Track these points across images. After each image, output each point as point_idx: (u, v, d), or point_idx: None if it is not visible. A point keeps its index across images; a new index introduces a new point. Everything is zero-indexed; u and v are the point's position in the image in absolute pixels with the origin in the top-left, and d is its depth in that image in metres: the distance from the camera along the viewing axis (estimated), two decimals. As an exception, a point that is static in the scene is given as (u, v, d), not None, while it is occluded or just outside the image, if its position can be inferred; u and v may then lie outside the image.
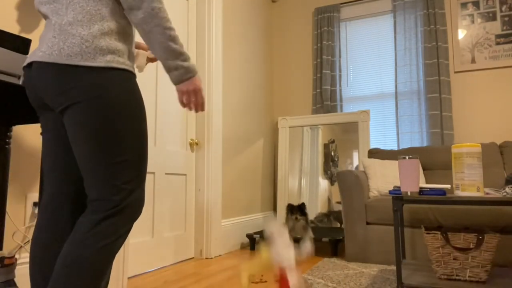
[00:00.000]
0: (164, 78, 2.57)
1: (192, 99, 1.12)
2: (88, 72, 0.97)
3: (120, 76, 1.02)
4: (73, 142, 1.02)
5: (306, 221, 3.02)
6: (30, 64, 1.03)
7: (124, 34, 1.07)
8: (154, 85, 2.50)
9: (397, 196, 1.75)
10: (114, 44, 1.03)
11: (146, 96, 2.43)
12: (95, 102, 0.98)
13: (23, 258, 1.55)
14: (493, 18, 3.31)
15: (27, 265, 1.54)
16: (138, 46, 1.42)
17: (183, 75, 1.08)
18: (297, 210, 3.04)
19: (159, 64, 2.53)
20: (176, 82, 1.09)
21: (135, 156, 1.04)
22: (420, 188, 1.75)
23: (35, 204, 1.60)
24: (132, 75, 1.07)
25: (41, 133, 1.11)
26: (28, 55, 1.06)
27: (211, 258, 2.78)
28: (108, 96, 0.99)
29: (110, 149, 1.00)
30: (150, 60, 1.43)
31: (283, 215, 3.47)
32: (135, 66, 1.27)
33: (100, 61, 0.98)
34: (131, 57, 1.10)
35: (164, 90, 2.58)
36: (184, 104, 1.13)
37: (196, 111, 1.15)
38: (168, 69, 1.07)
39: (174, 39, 1.05)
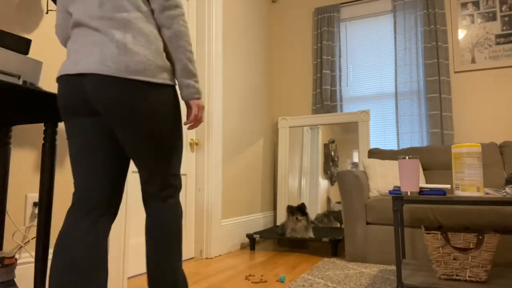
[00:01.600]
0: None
1: (200, 115, 1.30)
2: (150, 87, 1.14)
3: (172, 92, 1.22)
4: (132, 145, 1.19)
5: (307, 221, 3.02)
6: (76, 74, 1.13)
7: (167, 53, 1.24)
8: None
9: (397, 196, 1.75)
10: (166, 63, 1.20)
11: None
12: (155, 112, 1.16)
13: (23, 258, 1.55)
14: (493, 18, 3.32)
15: (27, 265, 1.54)
16: None
17: (194, 94, 1.25)
18: (297, 211, 3.04)
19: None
20: (187, 98, 1.26)
21: (180, 152, 1.29)
22: (420, 188, 1.75)
23: (35, 204, 1.60)
24: (175, 90, 1.26)
25: (68, 138, 1.21)
26: (66, 65, 1.15)
27: (211, 258, 2.78)
28: (166, 108, 1.19)
29: (168, 149, 1.23)
30: None
31: (283, 215, 3.47)
32: None
33: (159, 78, 1.16)
34: (173, 73, 1.26)
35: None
36: (193, 119, 1.30)
37: (193, 127, 1.33)
38: (181, 85, 1.24)
39: (192, 61, 1.24)
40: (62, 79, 1.17)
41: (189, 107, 1.28)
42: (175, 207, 1.28)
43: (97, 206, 1.18)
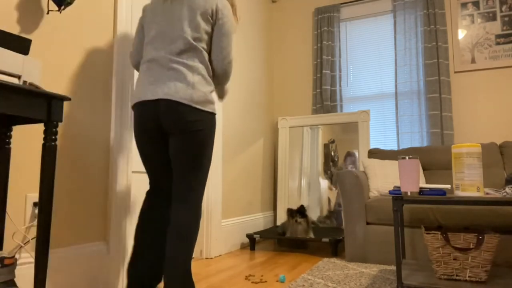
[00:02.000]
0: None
1: None
2: (204, 113, 1.65)
3: (215, 118, 1.72)
4: (178, 151, 1.67)
5: (307, 223, 3.02)
6: (154, 100, 1.62)
7: (214, 92, 1.89)
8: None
9: (397, 196, 1.75)
10: (213, 99, 1.71)
11: (146, 96, 2.43)
12: (202, 128, 1.65)
13: (23, 258, 1.55)
14: (493, 18, 3.32)
15: (27, 265, 1.54)
16: None
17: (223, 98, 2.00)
18: (296, 214, 3.04)
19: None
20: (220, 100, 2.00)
21: (208, 170, 1.73)
22: (420, 188, 1.75)
23: (35, 204, 1.60)
24: (215, 118, 1.74)
25: (138, 147, 1.75)
26: (143, 93, 1.65)
27: (211, 258, 2.78)
28: (210, 129, 1.69)
29: (204, 162, 1.70)
30: None
31: (283, 215, 3.47)
32: None
33: (209, 108, 1.67)
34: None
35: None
36: None
37: None
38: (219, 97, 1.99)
39: (227, 92, 1.98)
40: (139, 104, 1.65)
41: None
42: (191, 211, 1.67)
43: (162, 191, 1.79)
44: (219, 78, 1.79)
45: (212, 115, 1.70)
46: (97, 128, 1.91)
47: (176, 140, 1.65)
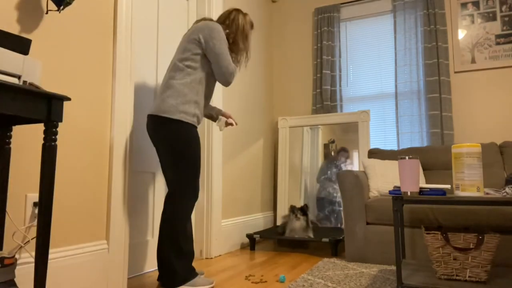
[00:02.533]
0: (164, 78, 2.58)
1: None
2: (169, 121, 1.94)
3: (186, 126, 1.96)
4: (160, 156, 2.04)
5: (307, 222, 3.02)
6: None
7: (191, 103, 2.00)
8: (154, 91, 2.51)
9: (397, 196, 1.75)
10: (187, 109, 1.96)
11: (147, 100, 2.43)
12: (170, 136, 1.94)
13: (23, 258, 1.55)
14: (493, 18, 3.32)
15: (27, 265, 1.54)
16: (223, 114, 2.33)
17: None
18: (298, 210, 3.06)
19: (159, 74, 2.54)
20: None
21: (189, 166, 1.97)
22: (420, 188, 1.75)
23: (35, 204, 1.60)
24: (189, 126, 1.97)
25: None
26: None
27: (211, 258, 2.78)
28: (176, 135, 1.94)
29: (179, 161, 1.96)
30: (228, 124, 2.28)
31: (283, 215, 3.47)
32: (216, 125, 2.36)
33: (176, 116, 1.92)
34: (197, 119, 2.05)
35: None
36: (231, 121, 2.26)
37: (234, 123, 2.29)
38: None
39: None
40: None
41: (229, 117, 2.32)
42: (171, 206, 1.98)
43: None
44: (223, 85, 2.12)
45: (181, 122, 1.93)
46: (97, 128, 1.91)
47: (156, 149, 2.06)
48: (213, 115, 2.33)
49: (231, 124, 2.28)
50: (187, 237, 1.97)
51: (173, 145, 1.93)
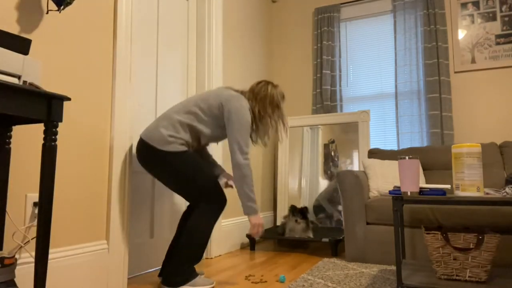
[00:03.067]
0: (163, 87, 2.58)
1: (255, 230, 2.00)
2: (157, 150, 1.94)
3: (171, 155, 1.93)
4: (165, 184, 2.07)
5: (307, 225, 3.02)
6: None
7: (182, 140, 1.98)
8: (154, 91, 2.51)
9: (397, 196, 1.75)
10: (176, 140, 1.95)
11: (146, 101, 2.43)
12: (156, 164, 1.97)
13: (23, 258, 1.55)
14: (493, 18, 3.32)
15: (27, 265, 1.54)
16: (225, 176, 2.30)
17: (250, 213, 1.98)
18: (298, 213, 3.04)
19: (159, 74, 2.54)
20: (246, 214, 1.99)
21: (183, 184, 1.96)
22: (420, 188, 1.75)
23: (35, 204, 1.60)
24: (176, 155, 1.93)
25: None
26: None
27: (211, 258, 2.78)
28: (162, 163, 1.95)
29: (185, 186, 1.97)
30: (228, 186, 2.30)
31: (283, 215, 3.47)
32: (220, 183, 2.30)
33: (163, 147, 1.92)
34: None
35: (163, 94, 2.59)
36: (252, 230, 2.01)
37: (256, 235, 2.05)
38: (242, 204, 1.98)
39: (251, 191, 1.96)
40: None
41: (252, 225, 1.99)
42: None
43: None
44: (234, 174, 1.99)
45: (170, 153, 1.91)
46: (97, 128, 1.91)
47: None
48: (214, 172, 2.29)
49: (231, 186, 2.29)
50: (204, 246, 1.97)
51: (159, 176, 2.00)
